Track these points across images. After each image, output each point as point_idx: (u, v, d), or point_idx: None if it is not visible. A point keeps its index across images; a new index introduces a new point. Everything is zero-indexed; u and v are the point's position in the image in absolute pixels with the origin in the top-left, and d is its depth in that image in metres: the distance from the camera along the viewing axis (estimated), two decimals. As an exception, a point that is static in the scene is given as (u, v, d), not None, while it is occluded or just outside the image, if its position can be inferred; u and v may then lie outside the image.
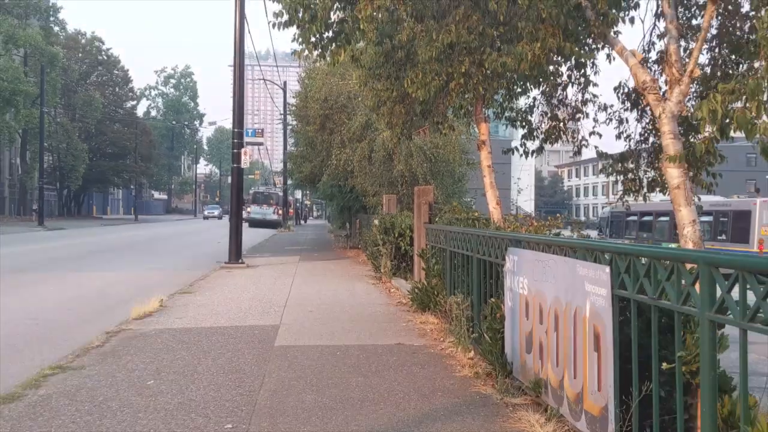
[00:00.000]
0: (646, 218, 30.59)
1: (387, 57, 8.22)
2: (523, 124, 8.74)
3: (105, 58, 69.74)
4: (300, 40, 7.38)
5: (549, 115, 8.52)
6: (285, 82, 42.03)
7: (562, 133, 8.49)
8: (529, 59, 5.95)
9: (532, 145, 8.77)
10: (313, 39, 7.22)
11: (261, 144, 20.47)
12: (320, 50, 7.48)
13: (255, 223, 49.18)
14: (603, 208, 79.96)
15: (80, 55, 66.60)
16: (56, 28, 59.20)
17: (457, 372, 5.94)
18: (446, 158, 16.07)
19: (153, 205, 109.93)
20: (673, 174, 5.52)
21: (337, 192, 25.02)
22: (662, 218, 29.29)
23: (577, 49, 6.38)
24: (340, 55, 7.46)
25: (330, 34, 7.27)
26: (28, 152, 56.54)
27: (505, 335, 5.45)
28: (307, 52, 7.46)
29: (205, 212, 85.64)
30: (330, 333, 7.82)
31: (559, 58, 7.00)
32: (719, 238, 24.03)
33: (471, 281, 6.64)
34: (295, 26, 7.26)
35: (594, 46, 7.24)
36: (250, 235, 36.63)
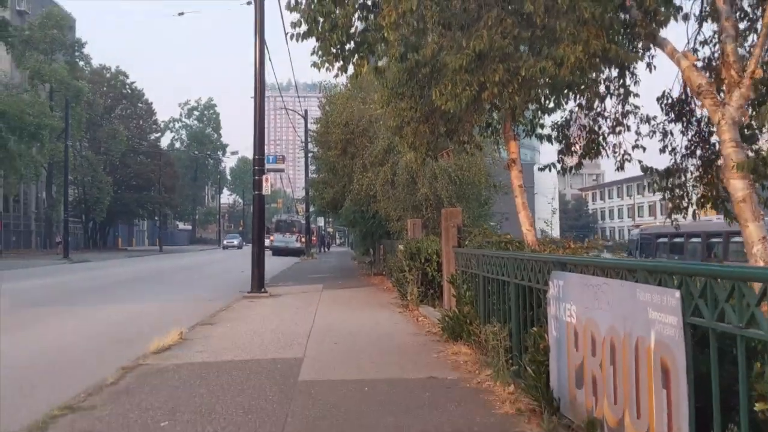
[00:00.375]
0: (677, 239, 29.76)
1: (410, 74, 7.84)
2: (560, 138, 8.27)
3: (129, 91, 70.75)
4: (320, 52, 7.03)
5: (587, 128, 8.04)
6: (306, 111, 42.04)
7: (601, 147, 8.00)
8: (571, 63, 5.52)
9: (570, 161, 8.30)
10: (333, 50, 6.87)
11: (282, 170, 20.20)
12: (341, 62, 7.13)
13: (278, 252, 49.03)
14: (631, 230, 78.79)
15: (105, 88, 67.61)
16: (81, 63, 60.16)
17: (496, 408, 5.44)
18: (471, 181, 15.62)
19: (177, 236, 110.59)
20: (738, 186, 5.02)
21: (360, 218, 24.66)
22: (694, 239, 28.45)
23: (623, 51, 5.93)
24: (363, 66, 7.10)
25: (352, 45, 6.92)
26: (54, 186, 57.19)
27: (550, 368, 4.96)
28: (327, 64, 7.10)
29: (224, 242, 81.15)
30: (357, 366, 7.35)
31: (601, 65, 6.53)
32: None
33: (508, 309, 6.16)
34: (314, 38, 6.92)
35: (641, 49, 6.77)
36: (273, 264, 36.39)
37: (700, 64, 6.71)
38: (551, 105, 8.07)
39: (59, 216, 56.19)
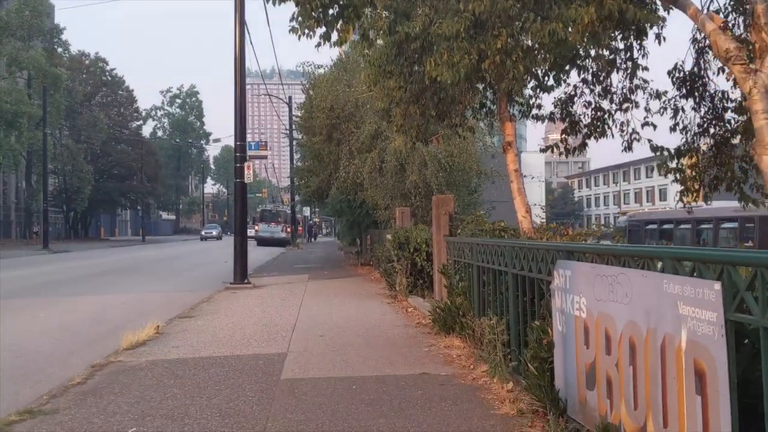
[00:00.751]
0: (666, 226, 29.59)
1: (399, 50, 7.33)
2: (564, 116, 7.78)
3: (109, 78, 69.45)
4: (300, 18, 6.46)
5: (593, 105, 7.55)
6: (290, 97, 41.37)
7: (607, 126, 7.52)
8: (584, 25, 5.03)
9: (573, 141, 7.83)
10: (314, 14, 6.29)
11: (265, 157, 19.50)
12: (324, 28, 6.54)
13: (263, 242, 48.43)
14: (617, 217, 78.70)
15: (84, 76, 66.30)
16: (59, 50, 58.86)
17: (496, 409, 5.01)
18: (462, 167, 15.14)
19: (161, 226, 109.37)
20: (772, 162, 4.58)
21: (346, 207, 24.16)
22: (683, 226, 28.28)
23: (642, 12, 5.41)
24: (349, 33, 6.56)
25: (336, 9, 6.34)
26: (34, 175, 56.10)
27: (555, 366, 4.52)
28: (308, 30, 6.52)
29: (202, 232, 73.80)
30: (344, 362, 6.90)
31: (616, 29, 6.02)
32: (746, 245, 22.96)
33: (505, 301, 5.73)
34: (293, 1, 6.36)
35: (662, 9, 6.22)
36: (258, 254, 35.82)
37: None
38: (551, 82, 7.59)
39: (39, 206, 55.26)
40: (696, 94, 6.95)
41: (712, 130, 7.04)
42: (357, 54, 9.11)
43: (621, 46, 6.87)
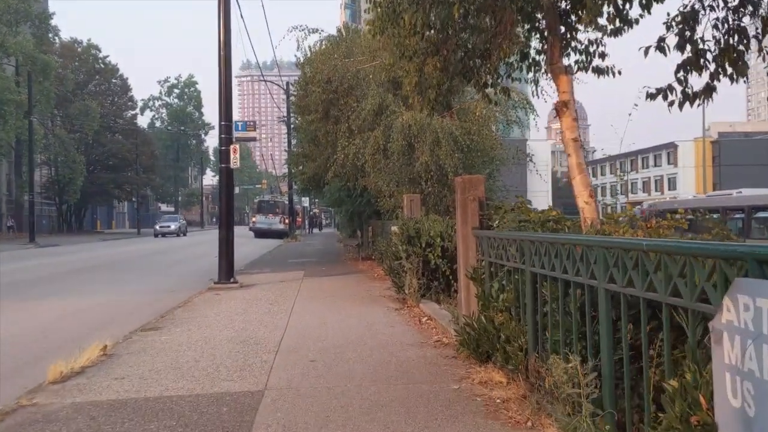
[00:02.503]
0: (692, 217, 27.60)
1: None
2: (682, 43, 5.62)
3: (102, 66, 67.15)
4: None
5: (730, 25, 5.40)
6: (288, 83, 39.25)
7: (743, 57, 5.37)
8: None
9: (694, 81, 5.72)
10: None
11: (254, 139, 17.46)
12: None
13: (260, 233, 46.60)
14: (623, 206, 76.40)
15: (76, 63, 64.04)
16: (49, 35, 56.63)
17: None
18: (481, 147, 13.03)
19: (160, 218, 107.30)
20: None
21: (346, 196, 22.14)
22: (712, 216, 26.36)
23: None
24: None
25: None
26: (24, 166, 54.03)
27: (719, 468, 2.50)
28: None
29: (157, 227, 56.28)
30: (342, 410, 4.88)
31: None
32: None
33: (594, 333, 3.70)
34: None
35: None
36: (254, 247, 33.89)
37: None
38: (635, 9, 5.50)
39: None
40: None
41: None
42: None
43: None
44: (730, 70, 5.24)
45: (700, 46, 5.35)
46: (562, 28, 5.83)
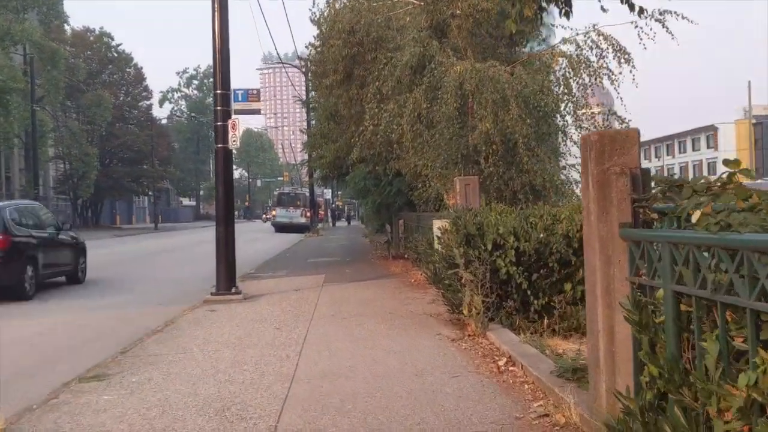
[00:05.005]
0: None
1: None
2: None
3: (115, 55, 64.53)
4: None
5: None
6: (307, 63, 36.27)
7: None
8: None
9: None
10: None
11: (258, 112, 14.61)
12: None
13: (281, 228, 43.96)
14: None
15: (88, 53, 61.52)
16: (56, 22, 54.13)
17: None
18: (552, 108, 9.67)
19: (181, 212, 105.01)
20: None
21: (372, 185, 19.17)
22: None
23: None
24: None
25: None
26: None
27: None
28: None
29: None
30: None
31: None
32: None
33: None
34: None
35: None
36: (274, 242, 31.14)
37: None
38: None
39: (41, 192, 51.21)
40: None
41: None
42: None
43: None
44: None
45: None
46: None
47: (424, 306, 9.38)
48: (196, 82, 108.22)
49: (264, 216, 44.68)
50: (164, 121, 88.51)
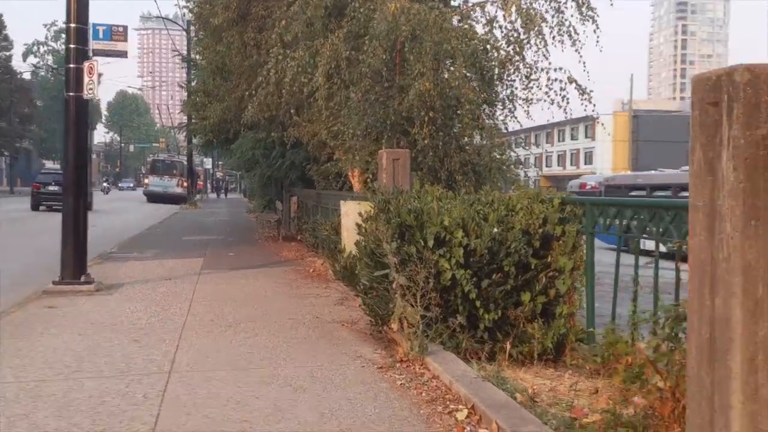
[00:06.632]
0: (660, 192, 24.51)
1: None
2: None
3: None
4: None
5: None
6: (189, 22, 32.97)
7: None
8: None
9: None
10: None
11: (124, 54, 12.00)
12: None
13: (153, 198, 40.52)
14: (538, 179, 74.14)
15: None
16: None
17: None
18: (496, 73, 7.72)
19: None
20: None
21: (261, 156, 16.89)
22: (660, 192, 23.53)
23: None
24: None
25: None
26: None
27: None
28: None
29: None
30: None
31: None
32: None
33: None
34: None
35: None
36: (143, 214, 28.15)
37: None
38: None
39: None
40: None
41: None
42: None
43: None
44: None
45: None
46: None
47: (332, 308, 7.49)
48: (64, 36, 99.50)
49: (145, 184, 40.05)
50: (27, 76, 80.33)
